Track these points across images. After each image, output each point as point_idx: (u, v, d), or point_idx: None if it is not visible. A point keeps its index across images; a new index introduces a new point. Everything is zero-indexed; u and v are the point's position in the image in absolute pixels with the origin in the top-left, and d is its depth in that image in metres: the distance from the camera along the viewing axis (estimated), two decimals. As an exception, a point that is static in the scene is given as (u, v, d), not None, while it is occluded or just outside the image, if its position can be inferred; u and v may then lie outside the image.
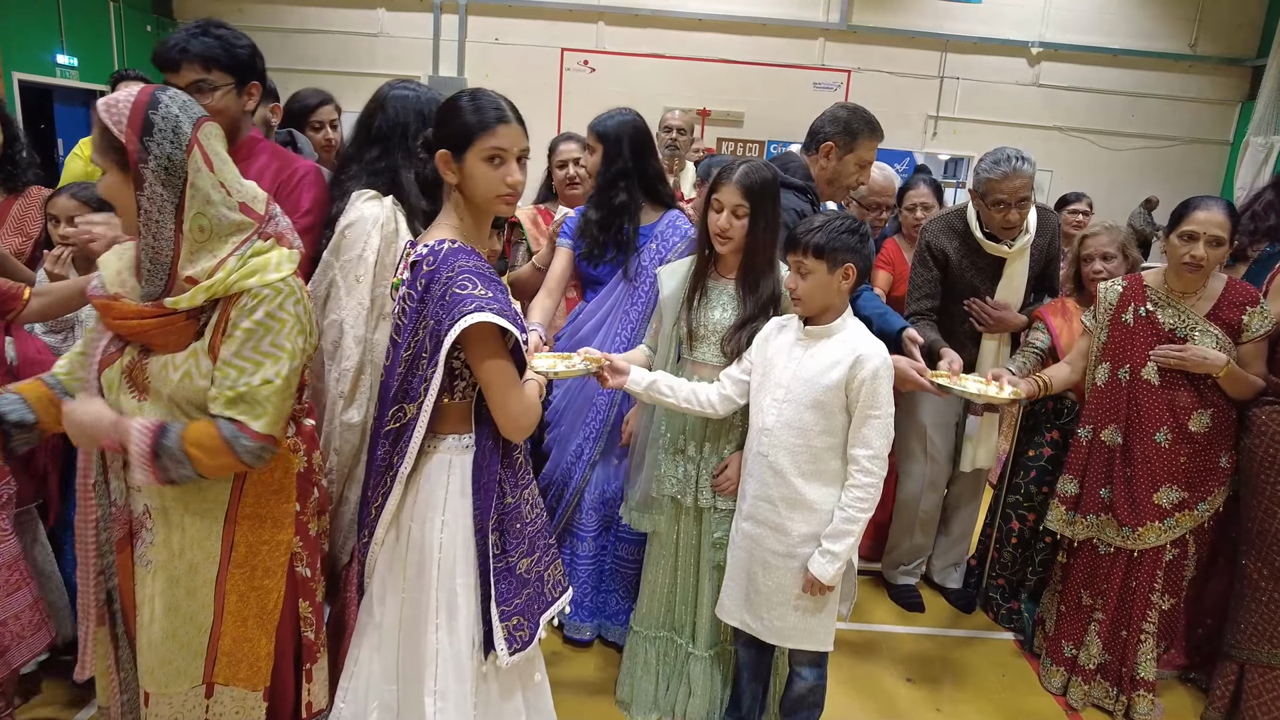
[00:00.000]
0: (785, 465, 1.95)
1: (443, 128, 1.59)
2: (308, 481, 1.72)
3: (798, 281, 1.93)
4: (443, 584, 1.65)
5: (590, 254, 2.56)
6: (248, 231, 1.52)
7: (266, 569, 1.64)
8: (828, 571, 1.91)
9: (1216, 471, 2.51)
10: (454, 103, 1.61)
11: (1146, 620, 2.54)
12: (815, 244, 1.88)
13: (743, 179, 2.03)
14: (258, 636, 1.65)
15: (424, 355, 1.56)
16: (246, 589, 1.63)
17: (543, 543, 1.79)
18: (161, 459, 1.44)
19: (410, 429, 1.60)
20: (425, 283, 1.56)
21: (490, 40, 11.66)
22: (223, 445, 1.47)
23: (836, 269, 1.90)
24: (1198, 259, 2.37)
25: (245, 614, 1.63)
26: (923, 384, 2.26)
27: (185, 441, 1.45)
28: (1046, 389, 2.61)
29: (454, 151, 1.58)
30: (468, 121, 1.57)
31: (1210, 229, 2.35)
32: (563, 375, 1.97)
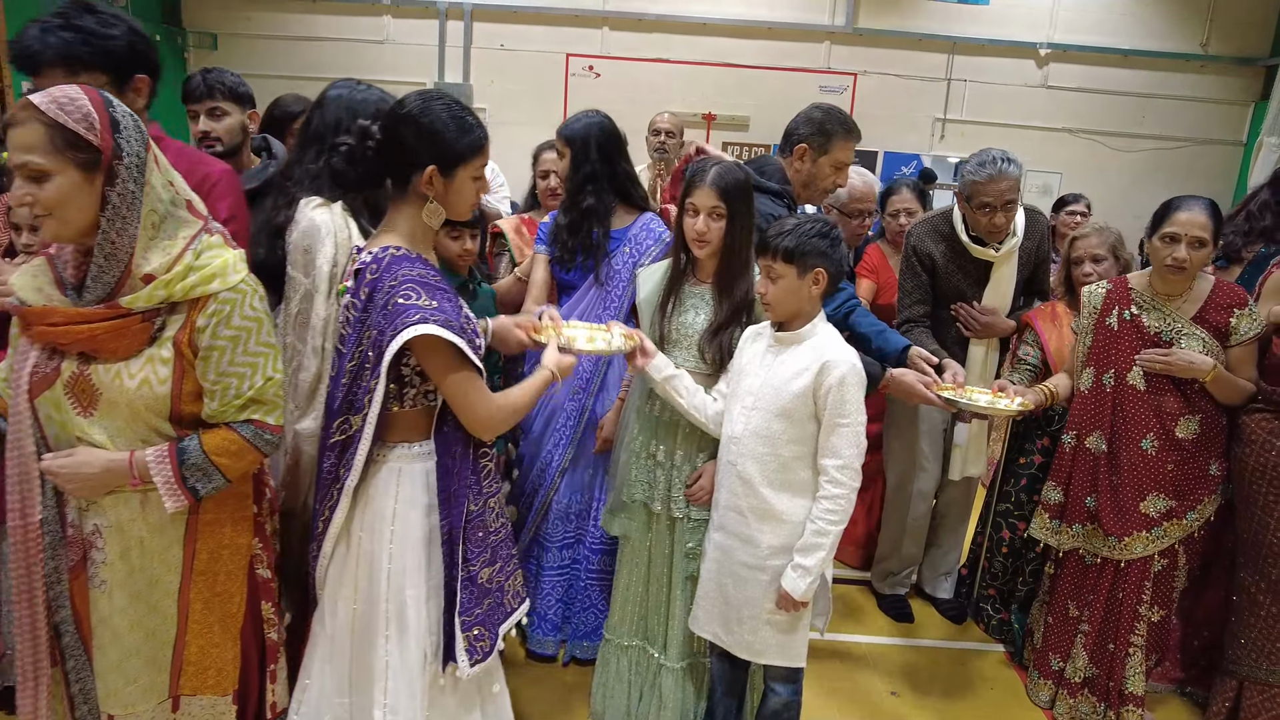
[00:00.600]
0: (753, 475, 1.91)
1: (436, 145, 1.55)
2: (260, 483, 1.74)
3: (768, 286, 1.89)
4: (393, 596, 1.62)
5: (561, 259, 2.53)
6: (195, 228, 1.52)
7: (229, 573, 1.65)
8: (800, 587, 1.86)
9: (1206, 480, 2.44)
10: (440, 117, 1.56)
11: (1134, 633, 2.48)
12: (785, 248, 1.84)
13: (717, 180, 2.00)
14: (224, 641, 1.65)
15: (367, 366, 1.53)
16: (210, 595, 1.63)
17: (505, 552, 1.76)
18: (189, 480, 1.50)
19: (356, 441, 1.57)
20: (369, 291, 1.53)
21: (495, 46, 11.65)
22: (247, 446, 1.54)
23: (807, 273, 1.86)
24: (1180, 261, 2.31)
25: (210, 620, 1.64)
26: (930, 398, 2.22)
27: (210, 454, 1.51)
28: (1053, 397, 2.54)
29: (446, 168, 1.57)
30: (467, 140, 1.58)
31: (1192, 230, 2.29)
32: (601, 353, 1.95)
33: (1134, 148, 10.06)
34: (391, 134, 1.56)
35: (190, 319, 1.48)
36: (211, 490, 1.54)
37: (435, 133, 1.55)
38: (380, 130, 1.57)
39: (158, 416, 1.51)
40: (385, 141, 1.56)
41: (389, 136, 1.56)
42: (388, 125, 1.57)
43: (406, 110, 1.57)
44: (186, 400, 1.53)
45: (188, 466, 1.50)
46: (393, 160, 1.57)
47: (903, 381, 2.23)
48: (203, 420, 1.56)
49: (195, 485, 1.51)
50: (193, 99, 2.37)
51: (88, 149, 1.38)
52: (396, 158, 1.57)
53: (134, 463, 1.49)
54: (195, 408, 1.55)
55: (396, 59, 11.29)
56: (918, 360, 2.27)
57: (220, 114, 2.38)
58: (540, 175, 3.08)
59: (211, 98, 2.36)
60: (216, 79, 2.38)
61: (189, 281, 1.46)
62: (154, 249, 1.47)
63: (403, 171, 1.58)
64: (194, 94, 2.37)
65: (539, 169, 3.10)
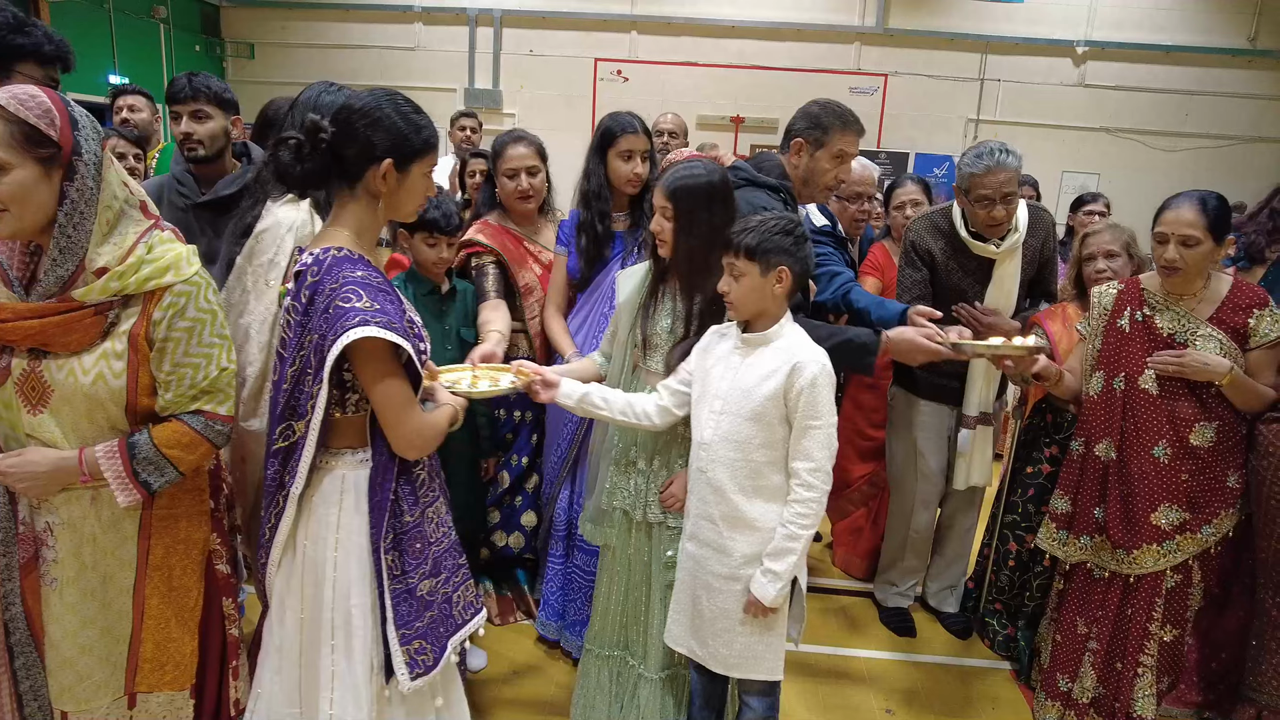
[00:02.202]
0: (724, 481, 1.83)
1: (392, 138, 1.52)
2: (217, 478, 1.76)
3: (730, 285, 1.82)
4: (338, 605, 1.57)
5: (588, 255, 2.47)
6: (146, 225, 1.54)
7: (184, 568, 1.66)
8: (769, 592, 1.78)
9: (1223, 491, 2.28)
10: (398, 112, 1.53)
11: (1144, 652, 2.33)
12: (746, 245, 1.77)
13: (666, 181, 1.98)
14: (181, 636, 1.67)
15: (309, 371, 1.49)
16: (166, 590, 1.65)
17: (450, 563, 1.70)
18: (141, 474, 1.51)
19: (300, 447, 1.52)
20: (310, 294, 1.49)
21: (525, 52, 11.76)
22: (198, 438, 1.56)
23: (770, 272, 1.78)
24: (1170, 262, 2.18)
25: (167, 615, 1.65)
26: (936, 348, 2.08)
27: (162, 447, 1.53)
28: (1059, 380, 2.40)
29: (401, 163, 1.53)
30: (422, 137, 1.56)
31: (1179, 229, 2.16)
32: (481, 395, 1.87)
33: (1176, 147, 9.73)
34: (346, 128, 1.53)
35: (146, 312, 1.50)
36: (164, 484, 1.55)
37: (392, 126, 1.52)
38: (333, 124, 1.53)
39: (115, 410, 1.52)
40: (339, 135, 1.52)
41: (343, 130, 1.52)
42: (342, 119, 1.53)
43: (362, 105, 1.54)
44: (143, 393, 1.54)
45: (139, 461, 1.52)
46: (346, 155, 1.53)
47: (902, 338, 2.11)
48: (155, 414, 1.57)
49: (148, 479, 1.53)
50: (177, 100, 2.37)
51: (48, 144, 1.39)
52: (350, 152, 1.53)
53: (84, 459, 1.50)
54: (152, 401, 1.56)
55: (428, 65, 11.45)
56: (916, 317, 2.16)
57: (203, 116, 2.37)
58: (506, 174, 2.59)
59: (195, 100, 2.35)
60: (202, 82, 2.38)
61: (143, 274, 1.48)
62: (106, 244, 1.48)
63: (355, 166, 1.54)
64: (178, 95, 2.36)
65: (503, 166, 2.59)
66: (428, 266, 2.38)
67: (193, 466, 1.58)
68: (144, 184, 2.43)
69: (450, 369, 2.00)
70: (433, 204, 2.27)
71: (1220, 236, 2.19)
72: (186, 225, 2.30)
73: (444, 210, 2.32)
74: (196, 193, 2.39)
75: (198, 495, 1.67)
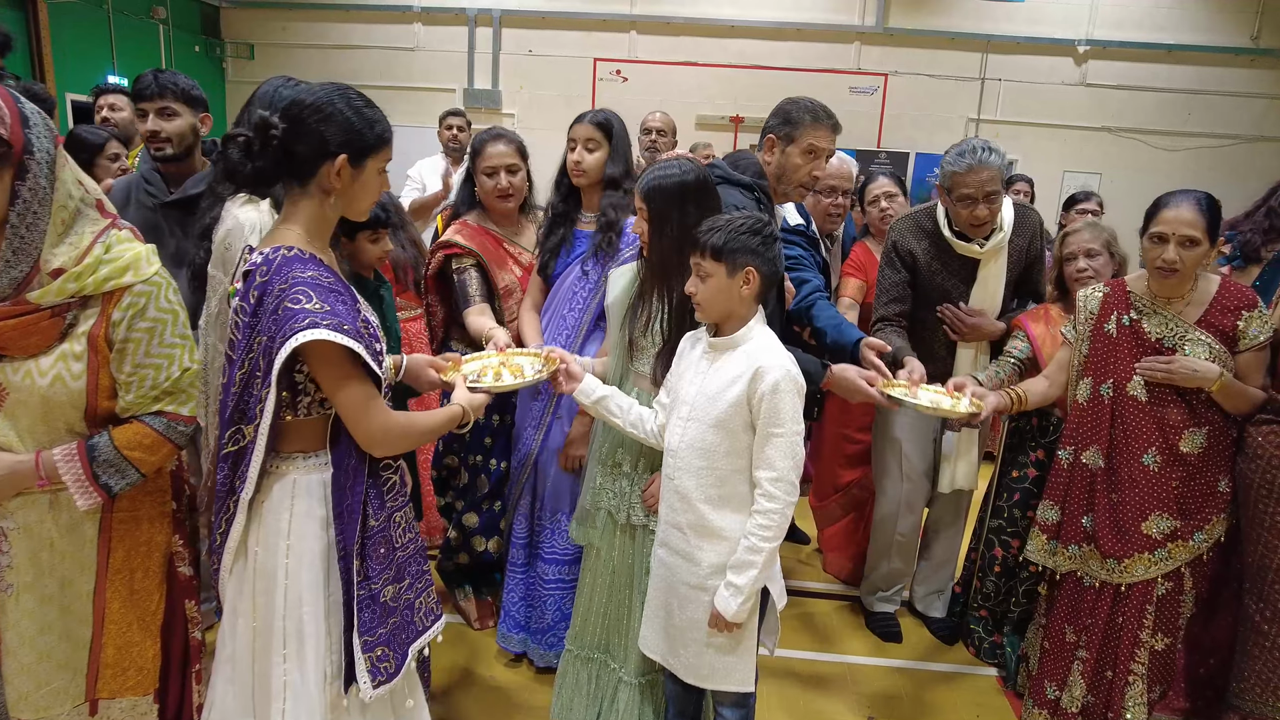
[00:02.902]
0: (691, 490, 1.79)
1: (347, 133, 1.48)
2: (179, 480, 1.73)
3: (697, 285, 1.77)
4: (290, 613, 1.53)
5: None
6: (103, 225, 1.51)
7: (146, 571, 1.65)
8: (731, 606, 1.74)
9: (1214, 497, 2.24)
10: (351, 106, 1.49)
11: (1135, 660, 2.28)
12: (713, 245, 1.72)
13: (642, 182, 1.95)
14: (143, 641, 1.65)
15: (258, 374, 1.45)
16: (128, 594, 1.63)
17: (414, 568, 1.67)
18: (101, 477, 1.49)
19: (249, 452, 1.49)
20: (258, 295, 1.45)
21: (524, 52, 11.74)
22: (160, 439, 1.54)
23: (737, 273, 1.73)
24: (1170, 263, 2.12)
25: (128, 620, 1.63)
26: (870, 394, 2.07)
27: (123, 449, 1.51)
28: (1020, 403, 2.37)
29: (356, 158, 1.50)
30: (377, 131, 1.52)
31: (1180, 229, 2.11)
32: (505, 389, 1.84)
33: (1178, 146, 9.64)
34: (297, 123, 1.48)
35: (105, 313, 1.48)
36: (125, 486, 1.53)
37: (346, 121, 1.49)
38: (284, 120, 1.49)
39: (73, 413, 1.50)
40: (290, 131, 1.48)
41: (294, 126, 1.48)
42: (293, 115, 1.49)
43: (313, 99, 1.49)
44: (103, 395, 1.52)
45: (99, 463, 1.49)
46: (297, 151, 1.49)
47: (844, 377, 2.08)
48: (114, 417, 1.55)
49: (108, 482, 1.51)
50: (143, 97, 2.33)
51: None
52: (302, 148, 1.49)
53: (41, 462, 1.48)
54: (112, 404, 1.54)
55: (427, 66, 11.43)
56: (868, 353, 2.13)
57: (170, 114, 2.33)
58: (485, 172, 2.50)
59: (163, 97, 2.31)
60: (169, 79, 2.34)
61: (101, 274, 1.46)
62: (62, 244, 1.45)
63: (308, 163, 1.50)
64: (144, 92, 2.32)
65: (482, 164, 2.50)
66: (371, 264, 2.35)
67: (155, 468, 1.56)
68: (112, 183, 2.40)
69: (474, 357, 1.96)
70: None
71: (1215, 237, 2.14)
72: (155, 225, 2.27)
73: (381, 203, 2.28)
74: (164, 192, 2.35)
75: (160, 497, 1.65)
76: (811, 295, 2.38)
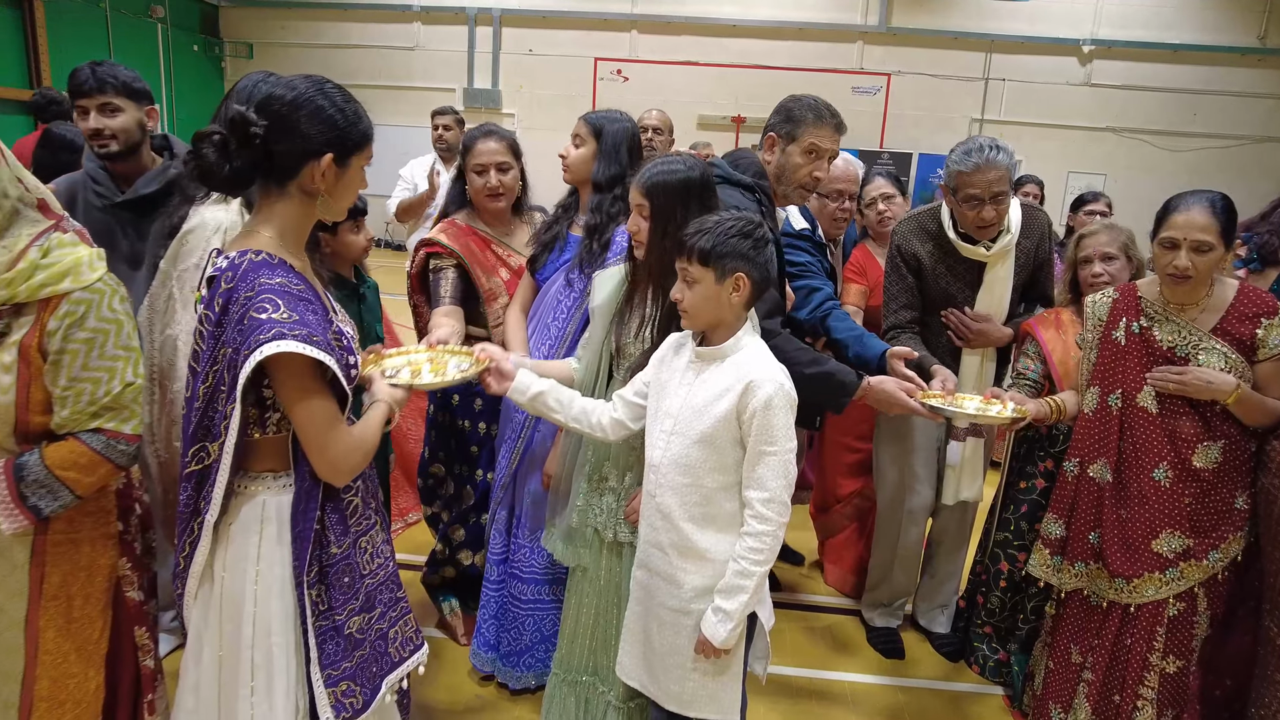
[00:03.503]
0: (673, 508, 1.69)
1: (333, 130, 1.40)
2: (128, 498, 1.63)
3: (684, 291, 1.67)
4: (258, 643, 1.45)
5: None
6: (43, 227, 1.42)
7: (87, 597, 1.55)
8: (720, 633, 1.64)
9: (1231, 515, 2.14)
10: (334, 102, 1.41)
11: (1144, 684, 2.19)
12: (700, 249, 1.63)
13: (642, 177, 1.86)
14: (82, 672, 1.54)
15: (222, 389, 1.36)
16: (65, 622, 1.52)
17: (386, 596, 1.58)
18: (29, 499, 1.40)
19: (214, 471, 1.40)
20: (223, 303, 1.36)
21: (524, 51, 11.68)
22: (98, 458, 1.44)
23: (725, 278, 1.64)
24: (1181, 269, 2.03)
25: (65, 650, 1.52)
26: (912, 406, 2.01)
27: (55, 469, 1.40)
28: (1059, 413, 2.27)
29: (341, 156, 1.42)
30: (361, 127, 1.45)
31: (1192, 233, 2.01)
32: (426, 387, 1.73)
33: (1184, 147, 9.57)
34: (279, 121, 1.38)
35: (40, 321, 1.39)
36: (58, 508, 1.44)
37: (330, 118, 1.40)
38: (263, 116, 1.39)
39: (2, 429, 1.41)
40: (272, 130, 1.38)
41: (276, 124, 1.38)
42: (273, 111, 1.39)
43: (293, 95, 1.39)
44: (35, 410, 1.42)
45: (27, 483, 1.40)
46: (279, 150, 1.40)
47: (882, 389, 2.01)
48: (50, 433, 1.45)
49: (37, 504, 1.41)
50: (82, 93, 2.17)
51: None
52: (284, 147, 1.39)
53: None
54: (46, 419, 1.44)
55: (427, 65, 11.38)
56: (897, 364, 2.04)
57: (113, 110, 2.18)
58: (475, 170, 2.40)
59: (103, 92, 2.16)
60: (108, 72, 2.18)
61: (36, 280, 1.37)
62: None
63: (291, 163, 1.40)
64: (83, 88, 2.16)
65: (472, 162, 2.40)
66: (357, 257, 2.27)
67: (91, 489, 1.46)
68: (54, 182, 2.28)
69: (400, 351, 1.85)
70: None
71: (1230, 241, 2.04)
72: (107, 226, 2.15)
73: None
74: (115, 191, 2.22)
75: (102, 518, 1.55)
76: (826, 305, 2.30)
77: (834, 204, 2.86)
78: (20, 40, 8.88)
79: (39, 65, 8.90)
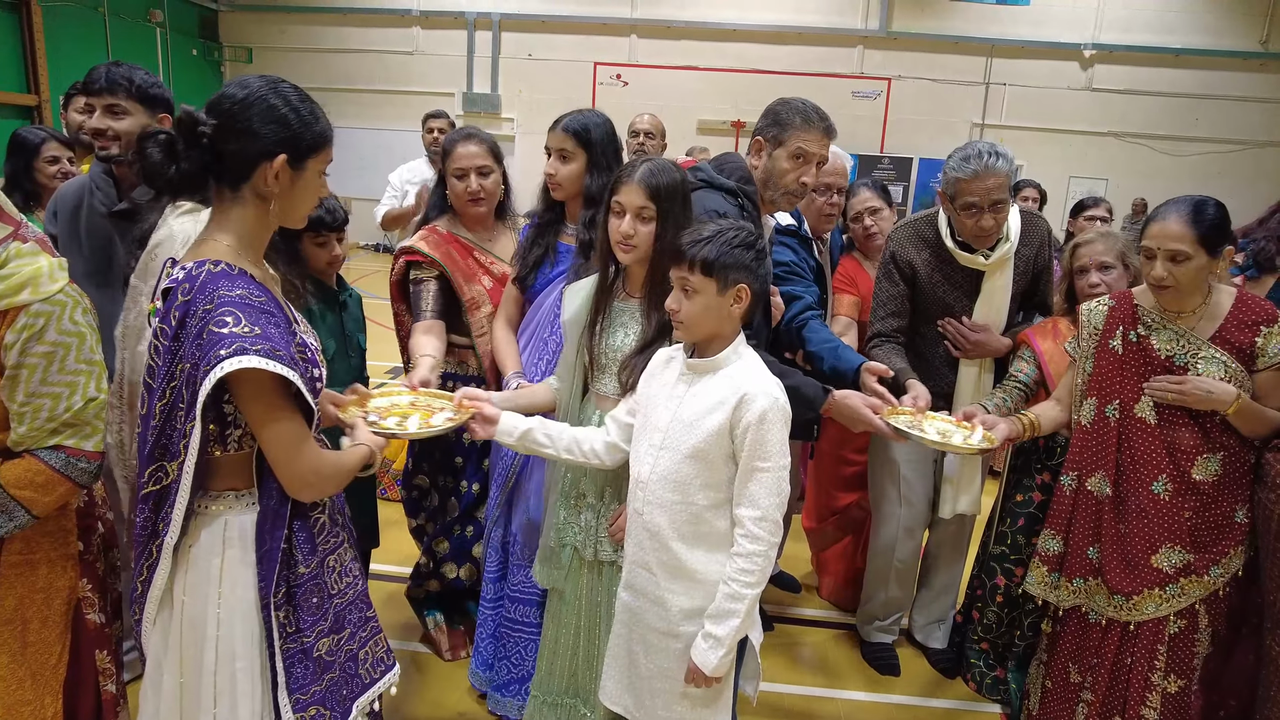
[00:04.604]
0: (662, 526, 1.64)
1: (287, 130, 1.35)
2: (90, 517, 1.58)
3: (681, 302, 1.61)
4: (221, 669, 1.39)
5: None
6: (2, 234, 1.38)
7: (44, 620, 1.50)
8: (710, 660, 1.58)
9: (1232, 528, 2.09)
10: (289, 102, 1.36)
11: (1145, 704, 2.13)
12: (704, 258, 1.57)
13: (646, 178, 1.78)
14: (39, 698, 1.49)
15: (181, 406, 1.30)
16: (19, 647, 1.47)
17: (356, 616, 1.53)
18: None
19: (173, 492, 1.34)
20: (180, 316, 1.30)
21: (523, 56, 11.65)
22: (56, 477, 1.41)
23: (728, 289, 1.58)
24: (1158, 279, 1.99)
25: (20, 675, 1.47)
26: (876, 424, 1.94)
27: (9, 488, 1.36)
28: (1033, 430, 2.22)
29: (296, 159, 1.37)
30: (318, 128, 1.39)
31: (1165, 243, 1.97)
32: (411, 436, 1.70)
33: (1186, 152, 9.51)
34: (229, 120, 1.34)
35: None
36: (14, 528, 1.39)
37: (283, 118, 1.35)
38: (213, 116, 1.34)
39: None
40: (221, 130, 1.34)
41: (226, 124, 1.34)
42: (223, 111, 1.34)
43: (244, 95, 1.35)
44: None
45: None
46: (230, 152, 1.35)
47: (847, 405, 1.95)
48: (7, 450, 1.40)
49: None
50: (91, 91, 2.12)
51: None
52: (235, 148, 1.35)
53: None
54: (3, 436, 1.39)
55: (426, 70, 11.36)
56: (870, 379, 1.99)
57: (119, 112, 2.13)
58: (455, 174, 2.35)
59: (113, 93, 2.11)
60: (123, 73, 2.13)
61: None
62: None
63: (242, 165, 1.35)
64: (93, 85, 2.11)
65: (452, 166, 2.35)
66: (321, 269, 2.22)
67: (50, 509, 1.42)
68: (63, 185, 2.24)
69: (384, 392, 1.83)
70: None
71: (1215, 248, 1.98)
72: (108, 233, 2.11)
73: (327, 205, 2.16)
74: (112, 199, 2.18)
75: (61, 538, 1.50)
76: (803, 315, 2.23)
77: (821, 198, 2.78)
78: (18, 45, 8.87)
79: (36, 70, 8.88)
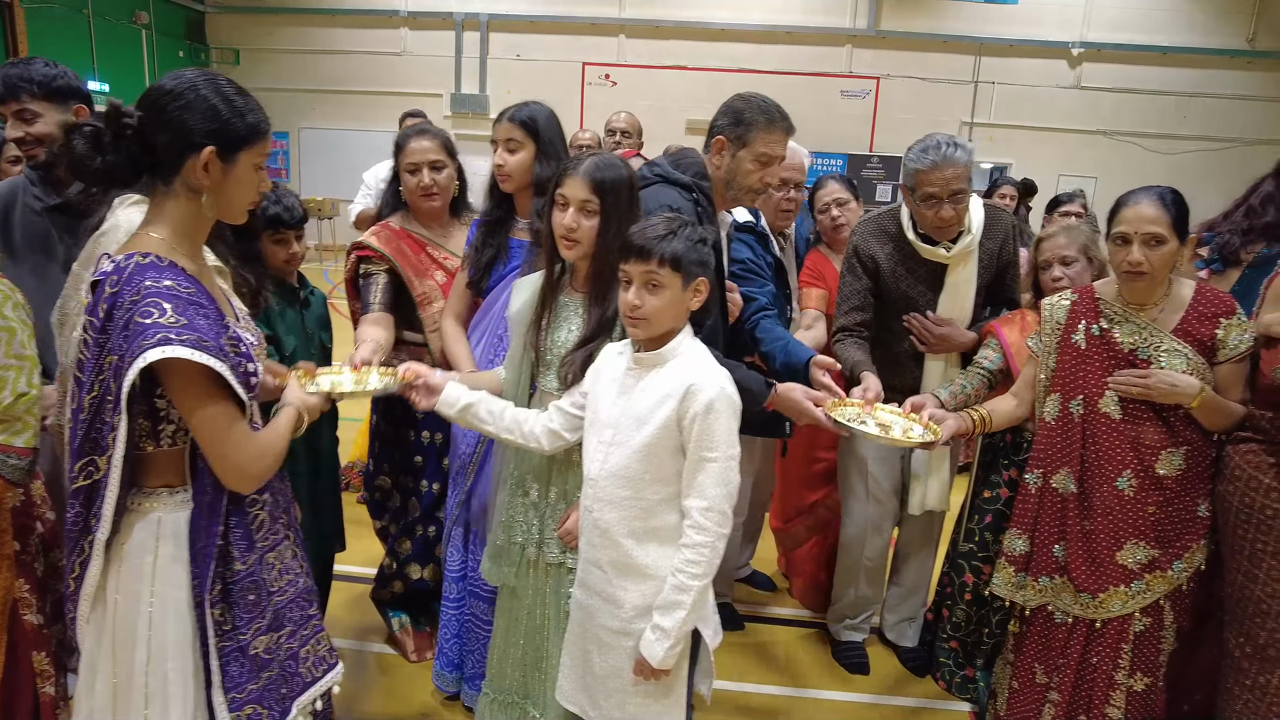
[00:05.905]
0: (613, 523, 1.62)
1: (214, 121, 1.34)
2: (28, 516, 1.56)
3: (644, 298, 1.58)
4: (154, 669, 1.37)
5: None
6: None
7: None
8: (657, 652, 1.57)
9: (1194, 523, 2.07)
10: (218, 92, 1.34)
11: (1110, 704, 2.11)
12: (674, 253, 1.55)
13: (591, 172, 1.76)
14: None
15: (109, 399, 1.29)
16: None
17: (296, 614, 1.51)
18: None
19: (103, 487, 1.32)
20: (107, 308, 1.28)
21: (511, 56, 11.62)
22: None
23: (690, 284, 1.59)
24: (1135, 264, 1.97)
25: None
26: (817, 417, 1.91)
27: None
28: (984, 425, 2.21)
29: (225, 151, 1.35)
30: (250, 120, 1.37)
31: (1142, 226, 1.95)
32: (351, 396, 1.67)
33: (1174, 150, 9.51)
34: (155, 111, 1.33)
35: None
36: None
37: (211, 108, 1.33)
38: (140, 107, 1.33)
39: None
40: (147, 121, 1.32)
41: (152, 115, 1.33)
42: (150, 102, 1.34)
43: (173, 86, 1.34)
44: None
45: None
46: (157, 143, 1.33)
47: (789, 398, 1.92)
48: None
49: None
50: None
51: None
52: (162, 140, 1.33)
53: None
54: None
55: (414, 71, 11.33)
56: (818, 372, 1.96)
57: (30, 116, 2.03)
58: (408, 169, 2.35)
59: (16, 98, 2.01)
60: (20, 74, 2.01)
61: None
62: None
63: (170, 157, 1.34)
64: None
65: (405, 161, 2.36)
66: (279, 266, 2.20)
67: None
68: None
69: (326, 372, 1.78)
70: (272, 199, 2.11)
71: (1183, 234, 1.98)
72: (45, 231, 2.07)
73: (286, 204, 2.16)
74: (48, 194, 2.13)
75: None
76: (755, 316, 2.21)
77: (779, 194, 2.75)
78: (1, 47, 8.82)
79: (21, 72, 8.84)
